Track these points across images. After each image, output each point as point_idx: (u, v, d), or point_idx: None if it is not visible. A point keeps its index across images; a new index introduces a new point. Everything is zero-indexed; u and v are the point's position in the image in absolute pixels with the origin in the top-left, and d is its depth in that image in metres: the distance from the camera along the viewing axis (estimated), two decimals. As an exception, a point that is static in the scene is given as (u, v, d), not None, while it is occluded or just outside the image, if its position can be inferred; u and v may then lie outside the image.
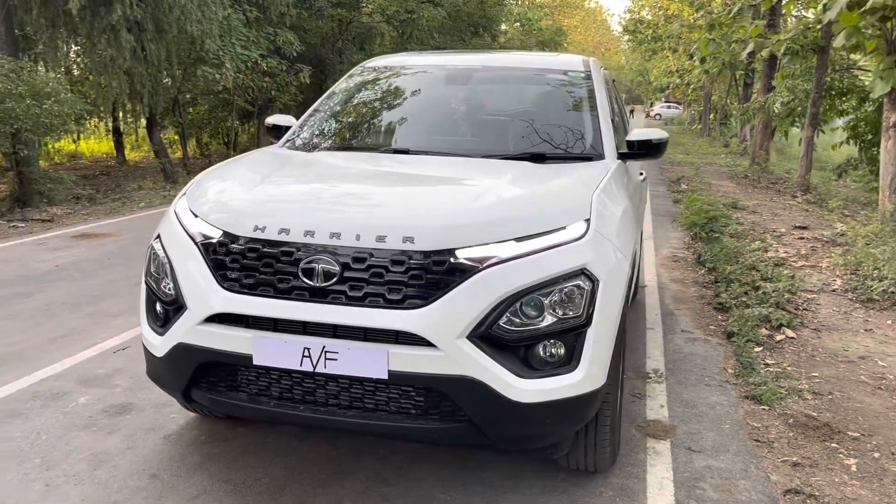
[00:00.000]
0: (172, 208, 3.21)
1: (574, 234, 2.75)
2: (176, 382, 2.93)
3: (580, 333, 2.66)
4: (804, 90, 15.26)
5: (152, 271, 3.06)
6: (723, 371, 4.60)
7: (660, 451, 3.51)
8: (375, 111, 4.22)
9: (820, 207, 12.49)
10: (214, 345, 2.74)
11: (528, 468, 3.28)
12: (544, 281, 2.60)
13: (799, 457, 3.53)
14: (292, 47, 17.82)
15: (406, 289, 2.58)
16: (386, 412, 2.68)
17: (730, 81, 27.59)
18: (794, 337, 5.32)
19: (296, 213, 2.83)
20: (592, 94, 4.04)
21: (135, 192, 13.94)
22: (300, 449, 3.43)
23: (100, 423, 3.66)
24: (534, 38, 40.27)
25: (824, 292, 6.63)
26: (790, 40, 13.80)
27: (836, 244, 8.89)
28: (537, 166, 3.41)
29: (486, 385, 2.55)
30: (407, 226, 2.66)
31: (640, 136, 3.79)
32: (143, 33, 14.12)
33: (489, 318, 2.55)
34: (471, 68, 4.34)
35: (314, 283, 2.62)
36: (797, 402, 4.15)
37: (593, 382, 2.70)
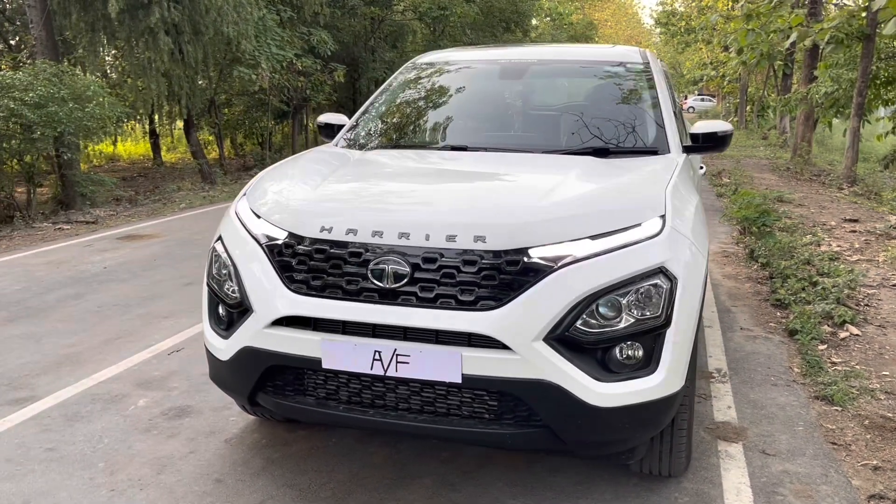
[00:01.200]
0: (233, 209, 3.16)
1: (650, 231, 2.64)
2: (241, 386, 2.88)
3: (659, 335, 2.56)
4: (849, 79, 14.88)
5: (214, 273, 3.01)
6: (789, 370, 4.45)
7: (732, 454, 3.39)
8: (430, 108, 4.14)
9: (868, 199, 12.16)
10: (282, 348, 2.68)
11: (599, 473, 3.18)
12: (622, 280, 2.50)
13: (879, 460, 3.39)
14: (326, 46, 17.84)
15: (479, 290, 2.50)
16: (458, 416, 2.60)
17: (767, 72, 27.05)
18: (858, 334, 5.14)
19: (362, 213, 2.76)
20: (653, 85, 3.92)
21: (174, 193, 14.06)
22: (362, 452, 3.37)
23: (160, 426, 3.64)
24: (564, 32, 39.92)
25: (885, 287, 6.42)
26: (834, 28, 13.45)
27: (891, 237, 8.62)
28: (603, 161, 3.31)
29: (564, 389, 2.46)
30: (478, 224, 2.58)
31: (705, 128, 3.67)
32: (181, 35, 14.23)
33: (566, 319, 2.46)
34: (525, 62, 4.24)
35: (384, 284, 2.55)
36: (870, 403, 4.00)
37: (672, 385, 2.60)
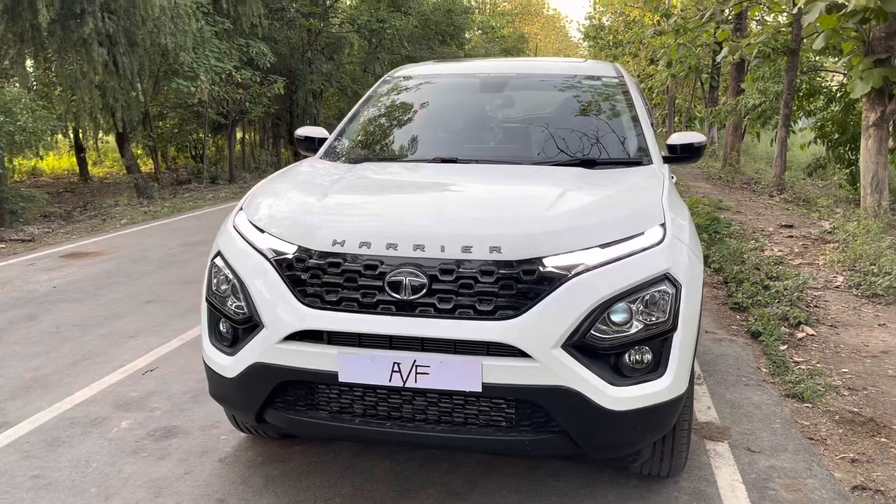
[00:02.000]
0: (230, 224, 3.11)
1: (653, 239, 2.74)
2: (249, 403, 2.84)
3: (666, 339, 2.65)
4: (775, 91, 15.60)
5: (214, 290, 2.96)
6: (757, 370, 4.65)
7: (721, 452, 3.52)
8: (414, 121, 4.17)
9: (797, 206, 12.76)
10: (296, 363, 2.66)
11: (599, 476, 3.26)
12: (632, 287, 2.59)
13: (854, 453, 3.58)
14: (265, 58, 17.64)
15: (497, 299, 2.55)
16: (476, 425, 2.64)
17: (694, 84, 28.06)
18: (814, 334, 5.40)
19: (374, 226, 2.77)
20: (630, 99, 4.06)
21: (111, 208, 13.64)
22: (362, 466, 3.36)
23: (148, 448, 3.54)
24: (497, 45, 40.50)
25: (829, 289, 6.76)
26: (762, 44, 14.11)
27: (826, 241, 9.08)
28: (593, 172, 3.41)
29: (582, 394, 2.52)
30: (493, 235, 2.63)
31: (682, 140, 3.82)
32: (116, 46, 13.87)
33: (582, 326, 2.53)
34: (504, 75, 4.32)
35: (401, 296, 2.57)
36: (836, 399, 4.21)
37: (679, 387, 2.70)
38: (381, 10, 22.93)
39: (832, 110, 16.56)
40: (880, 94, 9.82)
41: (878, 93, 9.79)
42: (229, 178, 19.38)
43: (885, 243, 7.80)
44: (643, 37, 26.04)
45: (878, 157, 10.03)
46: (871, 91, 9.71)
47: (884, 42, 9.61)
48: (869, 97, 9.94)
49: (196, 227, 10.62)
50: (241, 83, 17.37)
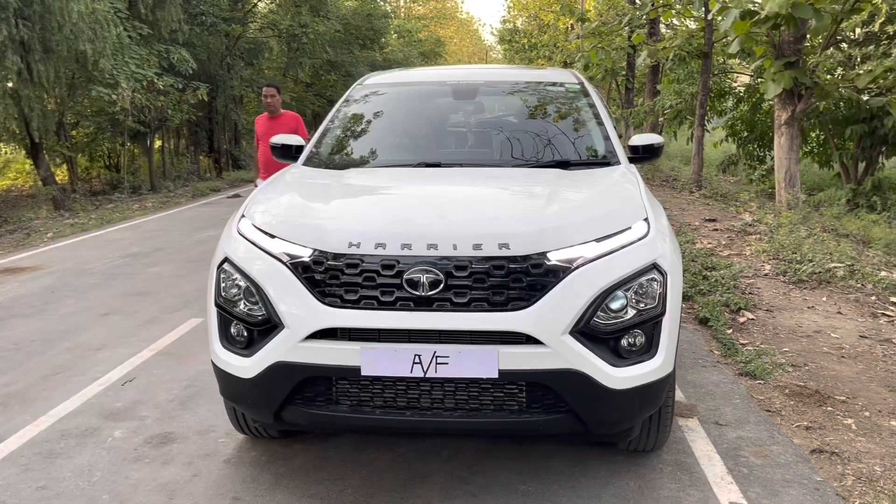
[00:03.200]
0: (234, 231, 3.20)
1: (640, 232, 3.01)
2: (268, 401, 2.95)
3: (657, 323, 2.93)
4: (689, 93, 16.42)
5: (224, 295, 3.06)
6: (710, 353, 5.02)
7: (692, 427, 3.84)
8: (392, 128, 4.34)
9: (716, 201, 13.50)
10: (319, 360, 2.80)
11: (588, 455, 3.51)
12: (627, 276, 2.85)
13: (807, 421, 3.96)
14: (188, 64, 17.30)
15: (508, 291, 2.76)
16: (490, 410, 2.84)
17: (610, 87, 29.05)
18: (753, 318, 5.85)
19: (388, 227, 2.94)
20: (593, 103, 4.35)
21: (30, 222, 13.13)
22: (365, 459, 3.51)
23: (149, 454, 3.58)
24: (415, 49, 40.79)
25: (758, 277, 7.28)
26: (677, 47, 14.86)
27: (748, 233, 9.70)
28: (571, 173, 3.67)
29: (588, 376, 2.77)
30: (500, 233, 2.84)
31: (643, 140, 4.12)
32: (30, 53, 13.37)
33: (586, 314, 2.77)
34: (474, 83, 4.54)
35: (419, 292, 2.75)
36: (783, 375, 4.61)
37: (668, 367, 2.98)
38: (301, 14, 22.80)
39: (741, 110, 17.57)
40: (791, 95, 10.56)
41: (789, 93, 10.53)
42: (150, 187, 18.90)
43: (804, 233, 8.43)
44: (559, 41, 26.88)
45: (789, 154, 10.78)
46: (783, 92, 10.43)
47: (793, 46, 10.35)
48: (780, 98, 10.67)
49: (132, 239, 10.40)
50: (162, 90, 16.99)
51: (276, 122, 7.12)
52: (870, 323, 5.78)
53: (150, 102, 16.82)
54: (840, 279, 6.93)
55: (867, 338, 5.39)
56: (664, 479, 3.31)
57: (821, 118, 13.60)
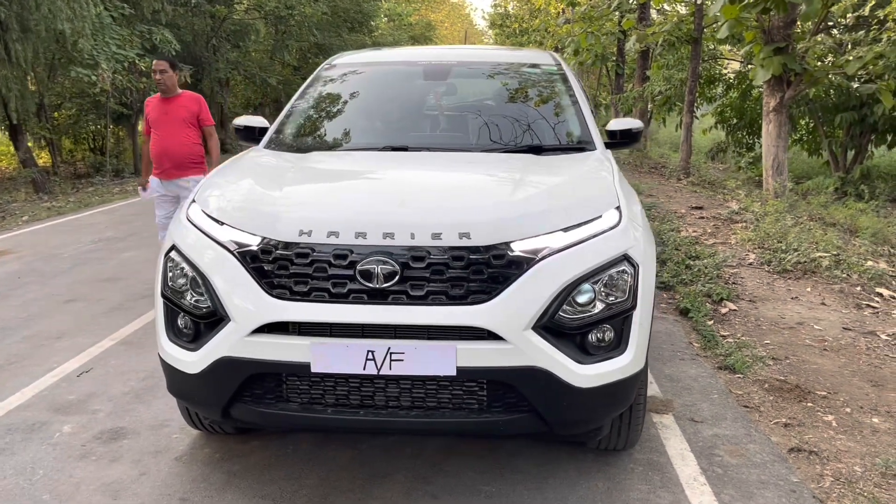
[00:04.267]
0: (183, 216, 3.03)
1: (610, 221, 2.85)
2: (215, 398, 2.78)
3: (627, 317, 2.77)
4: (679, 79, 16.24)
5: (170, 285, 2.89)
6: (690, 345, 4.88)
7: (667, 424, 3.70)
8: (359, 110, 4.15)
9: (704, 188, 13.36)
10: (266, 356, 2.63)
11: (556, 453, 3.37)
12: (595, 268, 2.69)
13: (786, 418, 3.82)
14: (170, 46, 16.97)
15: (468, 284, 2.59)
16: (449, 409, 2.68)
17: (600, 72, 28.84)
18: (735, 309, 5.71)
19: (342, 215, 2.76)
20: (570, 86, 4.17)
21: (7, 205, 12.87)
22: (324, 456, 3.35)
23: (96, 451, 3.41)
24: (405, 33, 40.38)
25: (743, 266, 7.14)
26: (667, 32, 14.66)
27: (734, 221, 9.57)
28: (543, 158, 3.50)
29: (552, 373, 2.61)
30: (461, 222, 2.67)
31: (620, 125, 3.96)
32: (7, 33, 13.06)
33: (551, 307, 2.61)
34: (446, 64, 4.35)
35: (374, 284, 2.58)
36: (763, 369, 4.48)
37: (639, 363, 2.82)
38: (289, -4, 22.48)
39: (731, 97, 17.41)
40: (779, 82, 10.38)
41: (778, 80, 10.35)
42: (133, 170, 18.60)
43: (790, 222, 8.30)
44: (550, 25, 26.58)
45: (777, 141, 10.62)
46: (772, 78, 10.26)
47: (782, 31, 10.16)
48: (769, 84, 10.49)
49: (108, 223, 10.18)
50: (145, 72, 16.67)
51: (172, 105, 5.76)
52: (854, 314, 5.65)
53: (132, 84, 16.52)
54: (825, 269, 6.80)
55: (851, 330, 5.27)
56: (634, 479, 3.17)
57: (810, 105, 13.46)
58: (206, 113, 5.92)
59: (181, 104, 5.79)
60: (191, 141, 5.82)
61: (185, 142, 5.78)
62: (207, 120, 5.94)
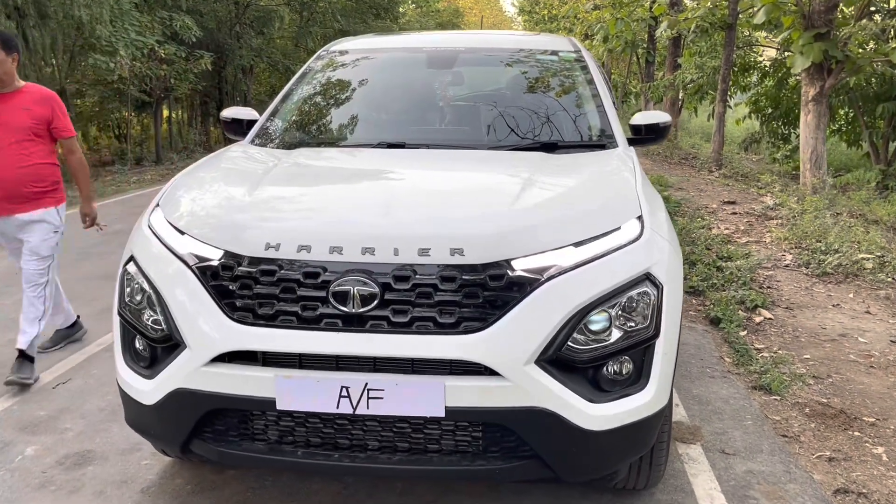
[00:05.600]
0: (145, 223, 2.68)
1: (630, 234, 2.44)
2: (172, 435, 2.44)
3: (649, 347, 2.37)
4: (712, 67, 15.62)
5: (128, 301, 2.55)
6: (720, 360, 4.45)
7: (694, 457, 3.28)
8: (355, 101, 3.76)
9: (737, 181, 12.79)
10: (225, 389, 2.28)
11: (569, 492, 2.97)
12: (611, 291, 2.29)
13: (830, 450, 3.39)
14: (191, 32, 16.71)
15: (460, 310, 2.21)
16: (438, 453, 2.31)
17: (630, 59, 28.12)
18: (771, 318, 5.25)
19: (314, 226, 2.40)
20: (589, 75, 3.75)
21: (25, 194, 12.71)
22: (306, 491, 2.99)
23: (56, 479, 3.08)
24: (432, 19, 39.83)
25: (778, 268, 6.66)
26: (700, 18, 14.04)
27: (769, 218, 9.05)
28: (555, 157, 3.09)
29: (558, 415, 2.22)
30: (452, 236, 2.28)
31: (646, 119, 3.54)
32: (24, 19, 12.88)
33: (557, 338, 2.21)
34: (453, 50, 3.94)
35: (349, 308, 2.20)
36: (803, 389, 4.04)
37: (661, 400, 2.42)
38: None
39: (766, 85, 16.74)
40: (819, 69, 9.82)
41: (818, 67, 9.79)
42: (156, 159, 18.44)
43: (829, 220, 7.78)
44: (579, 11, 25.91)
45: (816, 132, 10.06)
46: (811, 66, 9.70)
47: (823, 16, 9.59)
48: (808, 72, 9.93)
49: (119, 215, 9.92)
50: (165, 59, 16.45)
51: (7, 106, 3.93)
52: (902, 325, 5.17)
53: (151, 71, 16.30)
54: (869, 272, 6.30)
55: (899, 343, 4.79)
56: (656, 527, 2.77)
57: (850, 95, 12.83)
58: (62, 119, 4.13)
59: (22, 104, 3.97)
60: (34, 159, 4.05)
61: (25, 161, 4.00)
62: (65, 130, 4.18)
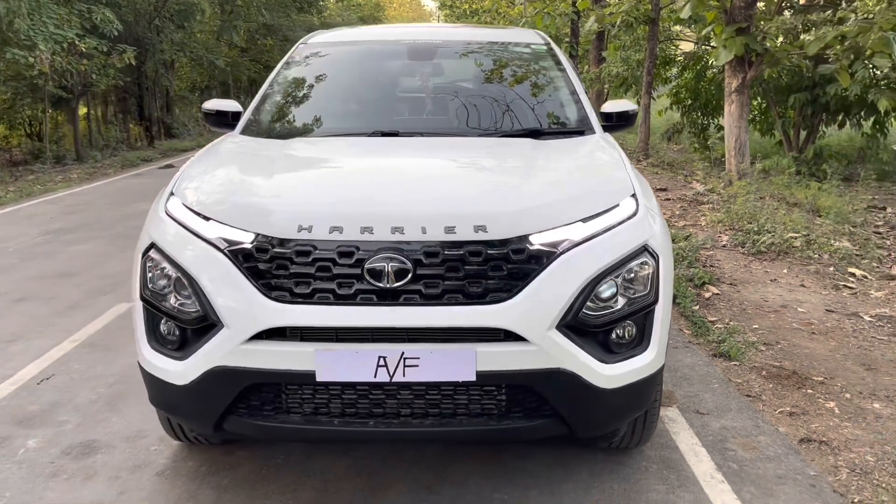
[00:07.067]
0: (161, 212, 2.74)
1: (628, 211, 2.68)
2: (207, 411, 2.53)
3: (649, 312, 2.61)
4: (636, 60, 16.21)
5: (151, 288, 2.61)
6: (681, 332, 4.78)
7: (673, 417, 3.57)
8: (342, 92, 3.87)
9: (664, 170, 13.38)
10: (265, 365, 2.39)
11: (563, 454, 3.20)
12: (617, 261, 2.52)
13: (790, 406, 3.74)
14: (112, 26, 16.22)
15: (486, 282, 2.39)
16: (466, 416, 2.49)
17: (552, 54, 28.72)
18: (718, 293, 5.64)
19: (345, 207, 2.52)
20: (562, 66, 3.97)
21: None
22: (318, 466, 3.12)
23: (67, 468, 3.11)
24: (354, 13, 39.67)
25: (717, 248, 7.10)
26: (625, 13, 14.57)
27: (700, 203, 9.57)
28: (546, 143, 3.30)
29: (577, 375, 2.43)
30: (476, 213, 2.46)
31: (616, 108, 3.78)
32: (-65, 12, 12.28)
33: (574, 305, 2.43)
34: (432, 42, 4.11)
35: (384, 284, 2.35)
36: (757, 355, 4.40)
37: (660, 361, 2.68)
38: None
39: (685, 78, 17.47)
40: (741, 62, 10.38)
41: (740, 60, 10.35)
42: (76, 157, 17.81)
43: (759, 203, 8.30)
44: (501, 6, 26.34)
45: (740, 122, 10.65)
46: (734, 58, 10.25)
47: (744, 11, 10.14)
48: (731, 65, 10.49)
49: (54, 213, 9.65)
50: (85, 53, 15.89)
51: None
52: (833, 296, 5.64)
53: (72, 66, 15.74)
54: (798, 250, 6.80)
55: (834, 312, 5.24)
56: (650, 479, 3.02)
57: (763, 86, 13.56)
58: None
59: None
60: None
61: None
62: None
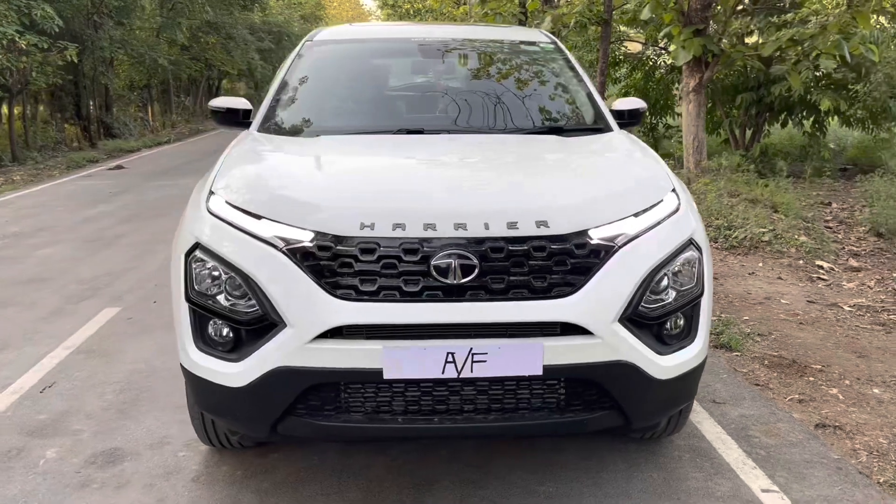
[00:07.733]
0: (203, 209, 2.66)
1: (672, 206, 2.74)
2: (265, 413, 2.48)
3: (696, 304, 2.67)
4: (588, 61, 16.48)
5: (197, 289, 2.54)
6: (678, 325, 4.89)
7: (693, 408, 3.65)
8: (361, 90, 3.81)
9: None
10: (332, 363, 2.36)
11: (597, 445, 3.25)
12: (669, 255, 2.57)
13: (797, 394, 3.87)
14: (53, 22, 15.63)
15: (550, 276, 2.41)
16: (528, 410, 2.50)
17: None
18: (703, 287, 5.78)
19: (405, 204, 2.50)
20: (572, 65, 4.03)
21: None
22: (357, 466, 3.09)
23: (96, 478, 3.00)
24: (295, 11, 39.18)
25: (690, 244, 7.28)
26: (579, 14, 14.81)
27: (663, 200, 9.77)
28: (573, 140, 3.34)
29: (638, 367, 2.48)
30: (536, 208, 2.48)
31: (626, 105, 3.85)
32: None
33: (634, 298, 2.47)
34: (442, 41, 4.10)
35: (450, 280, 2.35)
36: (755, 345, 4.54)
37: (705, 351, 2.74)
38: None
39: (634, 78, 17.86)
40: (698, 63, 10.69)
41: (697, 61, 10.65)
42: (13, 158, 17.08)
43: (727, 200, 8.56)
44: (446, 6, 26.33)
45: (697, 120, 10.96)
46: (692, 59, 10.54)
47: (700, 13, 10.44)
48: (689, 65, 10.78)
49: (7, 217, 9.24)
50: (25, 50, 15.28)
51: None
52: (810, 287, 5.86)
53: (11, 63, 15.10)
54: (767, 244, 7.04)
55: (814, 303, 5.45)
56: (686, 467, 3.10)
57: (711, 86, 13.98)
58: None
59: None
60: None
61: None
62: None
